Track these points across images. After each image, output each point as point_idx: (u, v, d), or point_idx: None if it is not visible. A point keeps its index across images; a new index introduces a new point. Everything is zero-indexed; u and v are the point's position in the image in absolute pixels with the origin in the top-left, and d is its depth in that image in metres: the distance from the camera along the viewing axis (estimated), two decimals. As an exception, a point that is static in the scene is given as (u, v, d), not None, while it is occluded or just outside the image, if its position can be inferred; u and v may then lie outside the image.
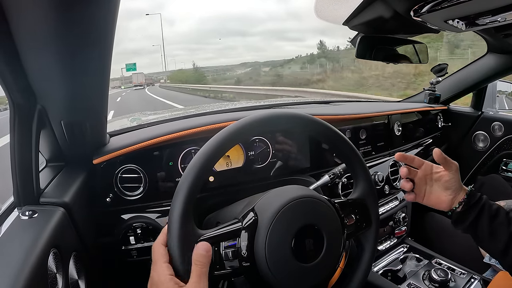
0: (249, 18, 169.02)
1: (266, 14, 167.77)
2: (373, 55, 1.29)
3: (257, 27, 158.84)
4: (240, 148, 1.15)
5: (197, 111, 1.48)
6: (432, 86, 1.98)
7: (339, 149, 0.83)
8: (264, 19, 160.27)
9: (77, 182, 0.89)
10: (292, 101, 2.25)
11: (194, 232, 0.64)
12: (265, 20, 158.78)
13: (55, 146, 0.88)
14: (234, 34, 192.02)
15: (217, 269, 0.64)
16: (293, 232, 0.65)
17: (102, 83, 0.74)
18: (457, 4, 0.84)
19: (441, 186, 0.89)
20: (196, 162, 0.65)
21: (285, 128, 0.79)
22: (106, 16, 0.56)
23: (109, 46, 0.63)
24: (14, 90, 0.64)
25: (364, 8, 1.02)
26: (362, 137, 1.50)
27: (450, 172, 0.88)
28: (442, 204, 0.88)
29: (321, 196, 0.73)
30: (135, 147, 0.99)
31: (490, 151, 1.95)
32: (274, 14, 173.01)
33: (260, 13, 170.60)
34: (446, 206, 0.88)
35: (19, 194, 0.73)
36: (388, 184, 1.53)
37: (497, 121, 1.91)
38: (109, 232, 0.99)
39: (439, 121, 2.04)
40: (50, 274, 0.63)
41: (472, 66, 1.89)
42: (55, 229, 0.69)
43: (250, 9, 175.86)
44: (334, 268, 0.72)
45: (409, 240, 1.58)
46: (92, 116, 0.86)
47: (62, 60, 0.62)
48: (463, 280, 1.25)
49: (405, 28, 1.18)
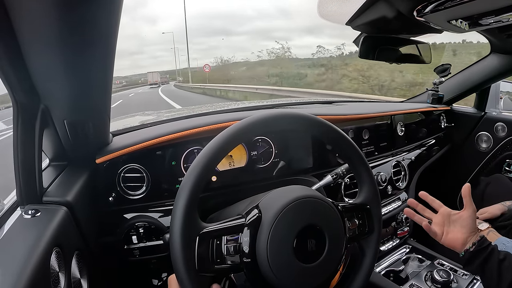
0: (237, 16, 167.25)
1: (256, 11, 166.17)
2: (376, 55, 1.29)
3: (244, 26, 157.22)
4: (242, 148, 1.15)
5: (199, 111, 1.48)
6: (435, 87, 1.97)
7: (343, 151, 0.83)
8: (253, 17, 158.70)
9: (80, 181, 0.89)
10: (295, 101, 2.24)
11: (197, 224, 0.65)
12: (253, 18, 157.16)
13: (58, 145, 0.88)
14: (219, 33, 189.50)
15: (217, 263, 0.65)
16: (295, 231, 0.65)
17: (105, 83, 0.74)
18: (460, 4, 0.84)
19: (458, 226, 0.94)
20: (199, 161, 0.66)
21: (288, 128, 0.78)
22: (109, 16, 0.56)
23: (112, 45, 0.63)
24: (17, 89, 0.65)
25: (367, 8, 1.02)
26: (365, 137, 1.50)
27: (468, 212, 0.93)
28: (458, 241, 0.92)
29: (326, 198, 0.73)
30: (138, 147, 0.99)
31: (493, 152, 1.94)
32: (263, 11, 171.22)
33: (249, 11, 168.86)
34: (461, 245, 0.92)
35: (22, 193, 0.74)
36: (391, 184, 1.52)
37: (500, 121, 1.90)
38: (111, 232, 0.99)
39: (442, 121, 2.03)
40: (52, 273, 0.63)
41: (475, 66, 1.88)
42: (57, 228, 0.70)
43: (238, 7, 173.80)
44: (335, 271, 0.72)
45: (412, 241, 1.58)
46: (95, 115, 0.86)
47: (66, 60, 0.62)
48: (466, 281, 1.24)
49: (408, 28, 1.18)
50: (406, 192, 1.61)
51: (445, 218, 0.97)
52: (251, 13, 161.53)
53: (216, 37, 72.93)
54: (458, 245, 0.93)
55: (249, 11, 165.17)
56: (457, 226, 0.94)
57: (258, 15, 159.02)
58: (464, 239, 0.91)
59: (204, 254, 0.64)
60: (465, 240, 0.91)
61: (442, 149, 1.99)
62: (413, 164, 1.70)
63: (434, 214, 1.01)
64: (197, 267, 0.63)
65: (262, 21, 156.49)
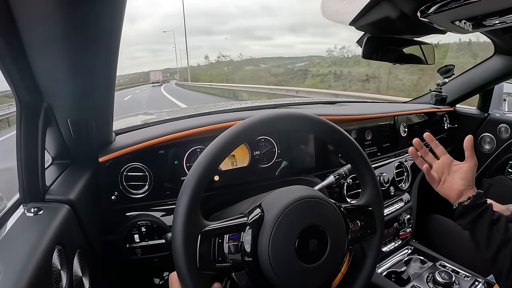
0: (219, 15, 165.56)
1: (238, 9, 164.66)
2: (379, 55, 1.28)
3: (226, 25, 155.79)
4: (245, 147, 1.15)
5: (202, 110, 1.48)
6: (438, 87, 1.96)
7: (346, 152, 0.83)
8: (236, 15, 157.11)
9: (83, 179, 0.89)
10: (298, 101, 2.24)
11: (199, 222, 0.65)
12: (236, 16, 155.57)
13: (61, 143, 0.88)
14: (199, 33, 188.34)
15: (219, 261, 0.65)
16: (298, 231, 0.65)
17: (109, 82, 0.74)
18: (464, 5, 0.83)
19: (456, 176, 0.94)
20: (202, 160, 0.66)
21: (291, 128, 0.78)
22: (113, 15, 0.56)
23: (116, 44, 0.63)
24: (21, 88, 0.65)
25: (370, 8, 1.02)
26: (367, 138, 1.49)
27: (469, 164, 0.94)
28: (453, 193, 0.92)
29: (328, 198, 0.73)
30: (141, 146, 0.99)
31: (496, 153, 1.93)
32: (246, 9, 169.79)
33: (231, 9, 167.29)
34: (456, 196, 0.92)
35: (24, 191, 0.74)
36: (394, 185, 1.52)
37: (504, 123, 1.89)
38: (113, 230, 1.00)
39: (445, 122, 2.03)
40: (54, 271, 0.63)
41: (478, 67, 1.87)
42: (60, 226, 0.70)
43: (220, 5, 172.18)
44: (336, 271, 0.72)
45: (414, 242, 1.58)
46: (98, 114, 0.86)
47: (69, 58, 0.62)
48: (468, 282, 1.24)
49: (412, 28, 1.17)
50: (408, 193, 1.61)
51: (446, 166, 0.98)
52: (234, 10, 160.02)
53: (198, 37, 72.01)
54: (453, 196, 0.93)
55: (232, 8, 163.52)
56: (455, 176, 0.94)
57: (241, 12, 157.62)
58: (460, 190, 0.91)
59: (205, 252, 0.64)
60: (461, 192, 0.91)
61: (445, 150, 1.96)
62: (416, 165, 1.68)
63: (436, 159, 1.01)
64: (199, 265, 0.63)
65: (245, 19, 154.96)
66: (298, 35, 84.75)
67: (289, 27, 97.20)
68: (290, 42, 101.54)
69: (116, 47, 0.64)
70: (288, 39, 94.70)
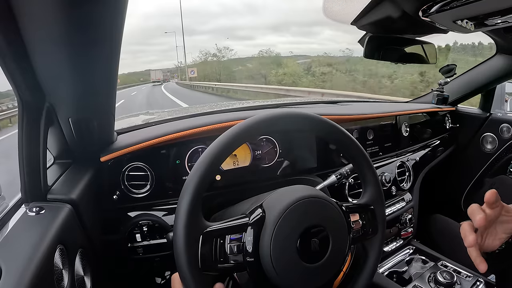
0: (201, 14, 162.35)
1: (221, 7, 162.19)
2: (381, 55, 1.28)
3: (208, 24, 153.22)
4: (247, 147, 1.15)
5: (203, 110, 1.48)
6: (440, 87, 1.96)
7: (348, 151, 0.83)
8: (218, 14, 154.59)
9: (84, 179, 0.89)
10: (299, 100, 2.24)
11: (201, 223, 0.65)
12: (219, 15, 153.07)
13: (63, 143, 0.89)
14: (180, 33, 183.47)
15: (221, 262, 0.65)
16: (299, 231, 0.65)
17: (110, 81, 0.74)
18: (466, 4, 0.83)
19: (501, 229, 0.74)
20: (204, 160, 0.66)
21: (293, 128, 0.78)
22: (114, 14, 0.56)
23: (118, 44, 0.63)
24: (22, 87, 0.65)
25: (372, 8, 1.02)
26: (369, 137, 1.49)
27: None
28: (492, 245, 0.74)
29: (330, 198, 0.73)
30: (143, 145, 0.99)
31: (498, 153, 1.92)
32: (229, 7, 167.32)
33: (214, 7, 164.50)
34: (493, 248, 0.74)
35: (26, 191, 0.74)
36: (395, 185, 1.52)
37: (506, 123, 1.89)
38: (115, 230, 1.00)
39: (447, 122, 2.02)
40: (56, 270, 0.64)
41: (480, 67, 1.86)
42: (61, 225, 0.70)
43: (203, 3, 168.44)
44: (338, 271, 0.72)
45: (415, 242, 1.57)
46: (100, 114, 0.86)
47: (71, 58, 0.62)
48: (469, 283, 1.24)
49: (414, 28, 1.17)
50: (410, 192, 1.61)
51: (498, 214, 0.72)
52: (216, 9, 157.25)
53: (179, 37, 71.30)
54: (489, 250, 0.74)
55: (213, 7, 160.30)
56: (500, 229, 0.73)
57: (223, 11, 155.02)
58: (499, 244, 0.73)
59: (207, 253, 0.64)
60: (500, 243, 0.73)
61: (447, 150, 1.97)
62: (418, 164, 1.69)
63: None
64: (201, 266, 0.63)
65: (227, 18, 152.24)
66: (280, 35, 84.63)
67: (272, 27, 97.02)
68: (272, 42, 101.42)
69: (118, 47, 0.64)
70: (269, 38, 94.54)
